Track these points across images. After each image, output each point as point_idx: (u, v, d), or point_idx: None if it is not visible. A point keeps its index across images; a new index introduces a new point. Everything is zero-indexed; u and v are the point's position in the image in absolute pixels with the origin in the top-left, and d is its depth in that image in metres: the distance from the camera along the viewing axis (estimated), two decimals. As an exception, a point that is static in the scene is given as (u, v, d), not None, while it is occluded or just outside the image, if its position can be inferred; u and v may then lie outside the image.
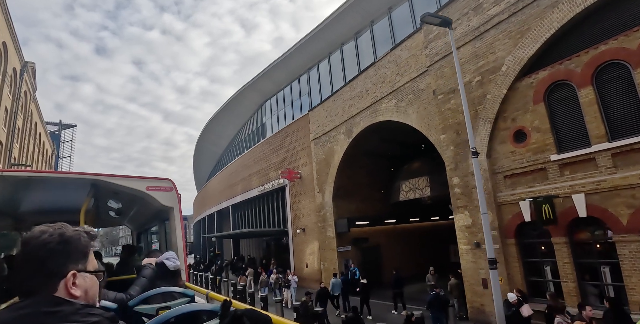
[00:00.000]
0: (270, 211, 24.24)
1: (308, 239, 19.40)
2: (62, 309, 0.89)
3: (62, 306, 0.91)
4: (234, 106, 33.07)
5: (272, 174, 23.41)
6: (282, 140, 22.66)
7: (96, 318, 0.91)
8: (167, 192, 4.75)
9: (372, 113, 15.33)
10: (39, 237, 0.97)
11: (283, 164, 22.21)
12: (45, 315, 0.87)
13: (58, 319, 0.87)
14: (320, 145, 18.91)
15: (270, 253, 27.53)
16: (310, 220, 19.37)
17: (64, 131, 66.41)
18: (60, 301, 0.92)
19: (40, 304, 0.89)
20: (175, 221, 4.87)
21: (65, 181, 4.67)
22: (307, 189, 19.82)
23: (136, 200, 5.13)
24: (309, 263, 19.23)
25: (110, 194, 5.09)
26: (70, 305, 0.92)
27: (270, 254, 27.39)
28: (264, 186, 24.00)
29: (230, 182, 31.23)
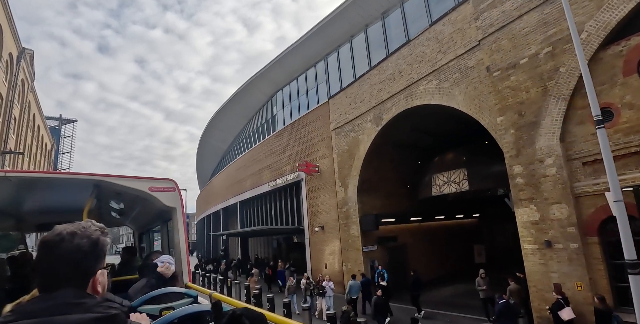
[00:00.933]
0: (283, 208, 22.63)
1: (328, 238, 17.80)
2: (86, 301, 0.99)
3: (85, 298, 1.01)
4: (242, 98, 31.46)
5: (286, 167, 21.81)
6: (297, 131, 21.05)
7: (116, 310, 1.01)
8: (169, 192, 4.72)
9: (407, 97, 13.74)
10: (71, 241, 1.05)
11: (298, 156, 20.61)
12: (70, 306, 0.96)
13: (83, 310, 0.96)
14: (342, 135, 17.31)
15: (281, 253, 25.94)
16: (330, 217, 17.78)
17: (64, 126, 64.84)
18: (83, 294, 1.02)
19: (67, 297, 0.98)
20: (177, 221, 4.82)
21: (68, 182, 4.65)
22: (326, 184, 18.22)
23: (139, 201, 5.12)
24: (328, 263, 17.63)
25: (113, 195, 5.06)
26: (92, 298, 1.03)
27: (280, 254, 25.80)
28: (276, 181, 22.40)
29: (237, 177, 29.62)
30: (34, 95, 30.87)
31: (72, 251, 1.03)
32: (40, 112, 34.33)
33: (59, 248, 1.03)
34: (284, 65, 24.81)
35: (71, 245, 1.04)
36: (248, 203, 27.88)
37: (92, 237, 1.09)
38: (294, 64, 24.11)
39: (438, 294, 15.91)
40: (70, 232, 1.06)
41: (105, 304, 1.01)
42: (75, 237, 1.06)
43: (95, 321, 0.96)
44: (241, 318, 1.26)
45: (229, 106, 34.39)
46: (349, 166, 16.67)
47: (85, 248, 1.06)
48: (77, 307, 0.96)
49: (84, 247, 1.05)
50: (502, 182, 14.74)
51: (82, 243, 1.06)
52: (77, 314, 0.95)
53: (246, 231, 20.75)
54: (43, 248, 1.05)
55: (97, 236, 1.11)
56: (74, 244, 1.04)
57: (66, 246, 1.04)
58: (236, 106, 33.44)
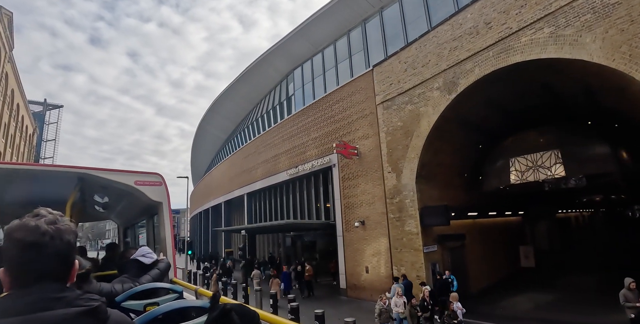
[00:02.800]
0: (306, 199, 19.27)
1: (370, 235, 14.54)
2: (67, 295, 0.95)
3: (65, 292, 0.96)
4: (251, 78, 27.95)
5: (311, 152, 18.45)
6: (326, 109, 17.73)
7: (97, 303, 0.97)
8: (156, 186, 4.63)
9: (501, 53, 10.59)
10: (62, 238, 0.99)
11: (329, 138, 17.30)
12: (52, 301, 0.91)
13: (64, 304, 0.92)
14: (394, 109, 14.08)
15: (297, 252, 22.57)
16: (373, 210, 14.52)
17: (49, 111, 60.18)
18: (63, 288, 0.97)
19: (48, 291, 0.93)
20: (164, 216, 4.71)
21: (51, 174, 4.43)
22: (368, 169, 14.96)
23: (124, 195, 4.98)
24: (371, 267, 14.37)
25: (97, 188, 4.94)
26: (72, 291, 0.98)
27: (295, 253, 22.43)
28: (297, 168, 19.03)
29: (244, 166, 26.10)
30: (13, 67, 26.66)
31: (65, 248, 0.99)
32: (20, 88, 30.01)
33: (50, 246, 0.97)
34: (307, 36, 21.44)
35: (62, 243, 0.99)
36: (258, 195, 24.39)
37: (73, 229, 1.04)
38: (320, 34, 20.78)
39: (516, 306, 12.85)
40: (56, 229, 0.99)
41: (86, 297, 0.98)
42: (63, 233, 1.00)
43: (79, 315, 0.93)
44: (230, 312, 1.18)
45: (233, 89, 30.82)
46: (403, 147, 13.45)
47: (72, 242, 1.03)
48: (59, 301, 0.92)
49: (72, 241, 1.02)
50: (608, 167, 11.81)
51: (71, 239, 1.02)
52: (61, 310, 0.91)
53: (264, 226, 17.31)
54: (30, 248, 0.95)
55: (73, 227, 1.05)
56: (65, 242, 1.00)
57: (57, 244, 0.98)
58: (242, 88, 29.92)
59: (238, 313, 1.20)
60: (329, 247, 19.39)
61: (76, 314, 0.92)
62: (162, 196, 4.67)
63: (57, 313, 0.90)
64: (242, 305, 1.30)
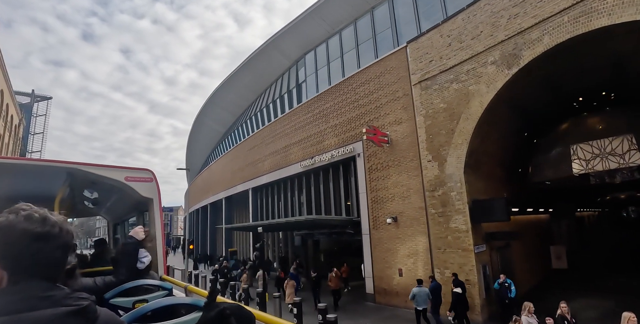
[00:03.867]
0: (322, 194, 17.44)
1: (404, 233, 12.80)
2: (55, 294, 0.91)
3: (53, 290, 0.92)
4: (255, 66, 26.03)
5: (329, 141, 16.64)
6: (348, 93, 15.94)
7: (86, 302, 0.94)
8: (146, 183, 4.57)
9: (580, 16, 8.94)
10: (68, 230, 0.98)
11: (352, 125, 15.53)
12: (39, 300, 0.88)
13: (52, 304, 0.88)
14: (435, 89, 12.35)
15: (306, 253, 20.73)
16: (408, 204, 12.79)
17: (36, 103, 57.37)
18: (51, 286, 0.93)
19: (35, 290, 0.89)
20: (154, 212, 4.66)
21: (39, 169, 4.34)
22: (402, 158, 13.22)
23: (114, 190, 4.96)
24: (405, 269, 12.63)
25: (87, 184, 4.89)
26: (60, 290, 0.94)
27: (306, 253, 20.59)
28: (313, 159, 17.19)
29: (249, 159, 24.14)
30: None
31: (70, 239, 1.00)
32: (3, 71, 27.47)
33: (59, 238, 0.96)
34: (323, 17, 19.61)
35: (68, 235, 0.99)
36: (265, 190, 22.46)
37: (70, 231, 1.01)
38: (337, 13, 18.98)
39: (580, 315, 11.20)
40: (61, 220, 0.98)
41: (75, 296, 0.94)
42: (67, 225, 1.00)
43: (68, 314, 0.89)
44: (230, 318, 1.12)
45: (235, 79, 28.84)
46: (447, 131, 11.73)
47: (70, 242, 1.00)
48: (47, 301, 0.89)
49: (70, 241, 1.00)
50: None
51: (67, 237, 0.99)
52: (49, 309, 0.87)
53: (279, 222, 15.39)
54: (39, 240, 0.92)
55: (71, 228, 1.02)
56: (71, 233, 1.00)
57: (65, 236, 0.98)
58: (245, 77, 27.96)
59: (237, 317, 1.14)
60: (347, 247, 17.61)
61: (64, 314, 0.88)
62: (152, 193, 4.61)
63: (44, 313, 0.86)
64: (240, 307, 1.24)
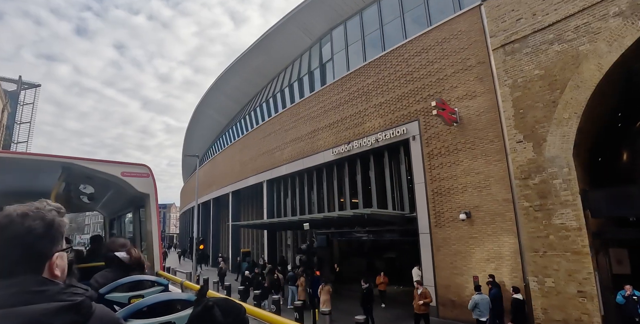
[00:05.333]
0: (360, 185, 14.89)
1: (482, 232, 10.36)
2: (49, 289, 0.90)
3: (47, 285, 0.91)
4: (270, 45, 23.36)
5: (372, 123, 14.11)
6: (398, 65, 13.45)
7: (81, 297, 0.92)
8: (143, 178, 4.55)
9: None
10: (22, 223, 0.93)
11: (403, 103, 13.04)
12: (33, 294, 0.86)
13: (45, 298, 0.87)
14: (526, 53, 9.94)
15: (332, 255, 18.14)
16: (488, 196, 10.36)
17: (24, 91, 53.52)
18: (45, 280, 0.92)
19: (28, 284, 0.88)
20: (151, 208, 4.62)
21: (35, 163, 4.25)
22: (476, 140, 10.79)
23: (110, 185, 4.96)
24: (483, 277, 10.17)
25: (83, 179, 4.89)
26: (54, 285, 0.92)
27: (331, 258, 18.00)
28: (349, 145, 14.64)
29: (263, 148, 21.44)
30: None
31: (23, 233, 0.92)
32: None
33: (8, 230, 0.92)
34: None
35: (22, 227, 0.92)
36: (283, 182, 19.78)
37: (46, 218, 0.96)
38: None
39: None
40: (21, 213, 0.95)
41: (69, 291, 0.92)
42: (26, 218, 0.94)
43: (60, 310, 0.86)
44: (213, 308, 1.10)
45: (243, 62, 26.12)
46: (546, 104, 9.33)
47: (38, 230, 0.94)
48: (40, 295, 0.87)
49: (36, 229, 0.94)
50: None
51: (34, 225, 0.93)
52: (41, 304, 0.85)
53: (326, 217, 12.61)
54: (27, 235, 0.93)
55: (51, 216, 0.98)
56: (25, 227, 0.93)
57: (16, 228, 0.92)
58: (255, 60, 25.29)
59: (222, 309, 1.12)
60: (385, 248, 15.07)
61: (57, 310, 0.85)
62: (149, 188, 4.58)
63: (36, 308, 0.83)
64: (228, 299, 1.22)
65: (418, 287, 9.48)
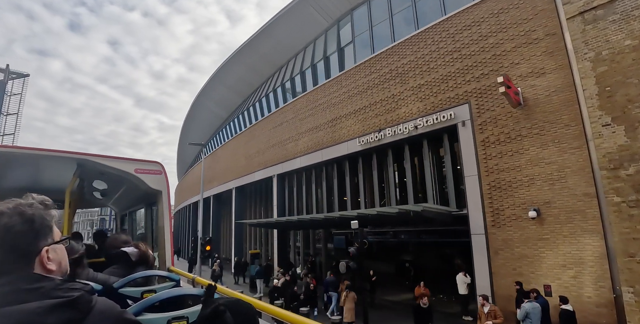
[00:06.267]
0: (394, 179, 13.20)
1: (556, 233, 8.75)
2: (43, 285, 0.85)
3: (41, 282, 0.86)
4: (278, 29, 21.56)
5: (408, 108, 12.44)
6: (442, 41, 11.82)
7: (78, 293, 0.87)
8: (155, 175, 4.61)
9: None
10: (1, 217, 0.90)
11: (448, 84, 11.41)
12: (25, 292, 0.82)
13: (40, 296, 0.82)
14: (611, 21, 8.36)
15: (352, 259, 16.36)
16: (563, 190, 8.75)
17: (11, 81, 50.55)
18: (38, 277, 0.88)
19: (19, 282, 0.84)
20: (163, 205, 4.69)
21: (50, 159, 4.37)
22: (546, 124, 9.19)
23: (123, 182, 5.03)
24: (558, 285, 8.56)
25: (97, 175, 4.92)
26: (49, 281, 0.88)
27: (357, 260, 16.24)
28: (381, 133, 12.95)
29: (274, 139, 19.62)
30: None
31: (1, 232, 0.88)
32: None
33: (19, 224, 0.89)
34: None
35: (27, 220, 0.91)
36: (297, 175, 17.99)
37: (25, 213, 0.92)
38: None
39: None
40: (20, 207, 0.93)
41: (66, 286, 0.87)
42: (2, 216, 0.90)
43: (55, 307, 0.80)
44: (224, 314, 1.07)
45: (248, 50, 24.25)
46: (645, 79, 7.77)
47: (17, 227, 0.90)
48: (33, 293, 0.82)
49: (14, 226, 0.90)
50: None
51: (11, 222, 0.90)
52: (34, 303, 0.80)
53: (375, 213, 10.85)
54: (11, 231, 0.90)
55: (32, 211, 0.93)
56: (2, 225, 0.89)
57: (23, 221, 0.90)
58: (263, 46, 23.45)
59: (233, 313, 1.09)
60: (425, 252, 13.33)
61: (51, 307, 0.80)
62: (161, 185, 4.61)
63: (28, 307, 0.79)
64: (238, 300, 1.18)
65: (484, 303, 7.76)
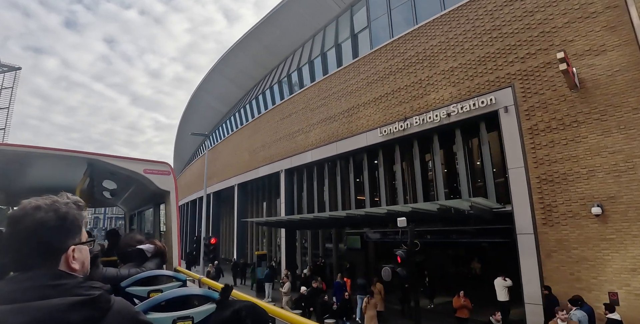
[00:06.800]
0: (422, 171, 11.96)
1: (623, 232, 7.55)
2: (65, 283, 0.87)
3: (64, 279, 0.88)
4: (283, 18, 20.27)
5: (439, 93, 11.22)
6: (479, 19, 10.60)
7: (98, 291, 0.89)
8: (164, 175, 4.68)
9: None
10: (33, 215, 0.91)
11: (487, 66, 10.20)
12: (48, 288, 0.84)
13: (61, 293, 0.84)
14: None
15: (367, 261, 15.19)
16: (631, 183, 7.58)
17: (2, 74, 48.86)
18: (62, 274, 0.90)
19: (43, 278, 0.86)
20: (171, 205, 4.76)
21: (61, 158, 4.42)
22: (609, 108, 8.01)
23: (132, 182, 5.08)
24: (626, 293, 7.37)
25: (106, 175, 5.00)
26: (72, 278, 0.90)
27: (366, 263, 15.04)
28: (406, 122, 11.72)
29: (281, 132, 18.32)
30: None
31: (35, 226, 0.90)
32: None
33: (21, 223, 0.91)
34: None
35: (33, 220, 0.91)
36: (307, 170, 16.70)
37: (59, 211, 0.94)
38: None
39: None
40: (34, 206, 0.93)
41: (87, 285, 0.89)
42: (39, 211, 0.92)
43: (76, 305, 0.82)
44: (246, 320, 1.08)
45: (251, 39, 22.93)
46: None
47: (50, 222, 0.91)
48: (56, 289, 0.84)
49: (49, 222, 0.91)
50: None
51: (46, 218, 0.91)
52: (56, 299, 0.82)
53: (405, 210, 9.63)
54: (8, 223, 0.93)
55: (66, 209, 0.96)
56: (37, 219, 0.91)
57: (28, 221, 0.90)
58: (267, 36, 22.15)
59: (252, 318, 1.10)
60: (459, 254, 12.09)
61: (73, 304, 0.82)
62: (169, 185, 4.68)
63: (50, 303, 0.81)
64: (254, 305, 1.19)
65: (562, 316, 6.39)
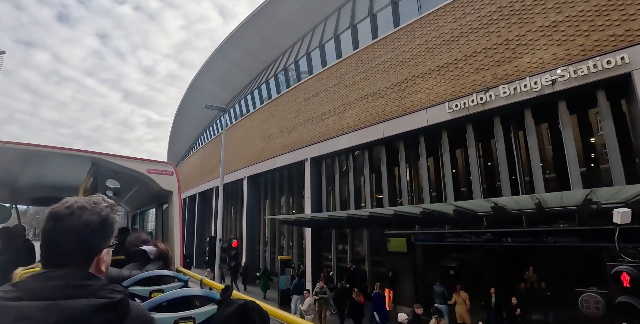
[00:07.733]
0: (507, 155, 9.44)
1: None
2: (92, 284, 0.90)
3: (91, 280, 0.91)
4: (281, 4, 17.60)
5: (534, 56, 8.72)
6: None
7: (120, 295, 0.91)
8: (167, 176, 4.72)
9: None
10: (80, 216, 0.95)
11: (605, 19, 7.77)
12: (77, 288, 0.87)
13: (88, 294, 0.86)
14: None
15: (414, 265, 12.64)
16: None
17: None
18: (89, 275, 0.93)
19: (75, 277, 0.89)
20: (173, 205, 4.80)
21: (65, 157, 4.47)
22: None
23: (135, 182, 5.13)
24: None
25: (110, 174, 4.99)
26: (97, 280, 0.92)
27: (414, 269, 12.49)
28: (487, 94, 9.22)
29: (305, 115, 15.63)
30: None
31: (80, 226, 0.94)
32: None
33: (66, 221, 0.94)
34: None
35: (79, 220, 0.95)
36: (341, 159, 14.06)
37: (102, 214, 0.99)
38: None
39: None
40: (81, 206, 0.97)
41: (110, 287, 0.92)
42: (84, 212, 0.96)
43: (101, 307, 0.85)
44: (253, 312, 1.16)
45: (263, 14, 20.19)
46: None
47: (93, 224, 0.96)
48: (83, 290, 0.87)
49: (92, 224, 0.96)
50: None
51: (90, 220, 0.96)
52: (84, 299, 0.85)
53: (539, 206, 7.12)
54: (51, 219, 0.96)
55: (106, 213, 1.01)
56: (83, 220, 0.95)
57: (74, 220, 0.95)
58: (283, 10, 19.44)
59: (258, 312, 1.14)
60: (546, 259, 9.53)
61: (98, 306, 0.85)
62: (172, 186, 4.71)
63: (79, 303, 0.83)
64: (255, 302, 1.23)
65: None
